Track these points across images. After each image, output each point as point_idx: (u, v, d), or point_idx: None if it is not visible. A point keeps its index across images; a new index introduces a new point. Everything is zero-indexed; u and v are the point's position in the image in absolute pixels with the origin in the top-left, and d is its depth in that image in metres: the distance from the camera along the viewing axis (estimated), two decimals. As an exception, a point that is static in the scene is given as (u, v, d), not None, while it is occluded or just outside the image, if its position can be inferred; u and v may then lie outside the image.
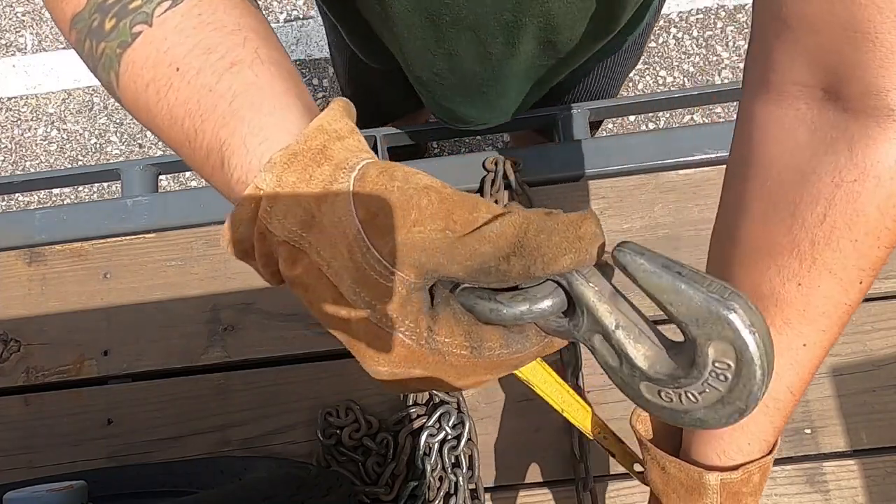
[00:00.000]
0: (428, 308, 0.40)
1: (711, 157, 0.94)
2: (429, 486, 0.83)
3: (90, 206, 1.00)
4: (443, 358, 0.40)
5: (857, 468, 0.83)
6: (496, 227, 0.38)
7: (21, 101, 2.49)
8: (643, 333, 0.39)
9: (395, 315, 0.39)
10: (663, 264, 0.37)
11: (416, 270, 0.38)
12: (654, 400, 0.40)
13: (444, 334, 0.39)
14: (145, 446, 0.90)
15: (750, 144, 0.50)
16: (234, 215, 0.41)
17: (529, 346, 0.40)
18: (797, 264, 0.47)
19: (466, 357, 0.40)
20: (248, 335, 0.92)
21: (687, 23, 2.27)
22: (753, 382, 0.36)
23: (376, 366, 0.41)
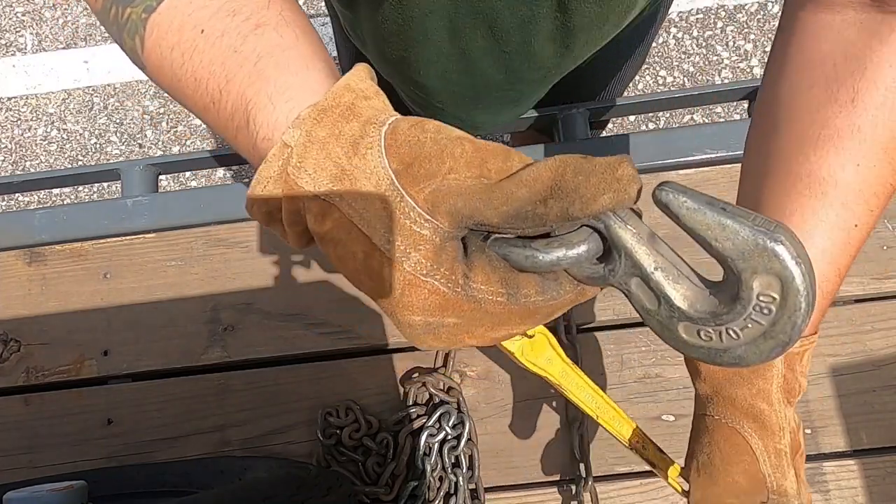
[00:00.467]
0: (462, 256, 0.39)
1: (711, 157, 0.94)
2: (429, 486, 0.83)
3: (90, 206, 1.00)
4: (479, 305, 0.39)
5: (857, 468, 0.83)
6: (533, 171, 0.37)
7: (21, 101, 2.49)
8: (682, 274, 0.39)
9: (430, 262, 0.38)
10: (707, 201, 0.37)
11: (450, 218, 0.38)
12: (692, 340, 0.39)
13: (480, 281, 0.39)
14: (145, 446, 0.90)
15: (801, 44, 0.54)
16: (260, 173, 0.41)
17: (564, 294, 0.40)
18: (857, 146, 0.50)
19: (503, 304, 0.39)
20: (248, 335, 0.92)
21: (687, 23, 2.27)
22: (798, 314, 0.36)
23: (410, 315, 0.40)
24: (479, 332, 0.41)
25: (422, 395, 0.88)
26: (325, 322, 0.92)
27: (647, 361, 0.88)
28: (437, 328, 0.41)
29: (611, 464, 0.86)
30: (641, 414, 0.87)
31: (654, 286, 0.39)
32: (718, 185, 0.93)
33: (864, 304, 0.88)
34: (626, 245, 0.38)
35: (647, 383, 0.88)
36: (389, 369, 0.90)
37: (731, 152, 0.94)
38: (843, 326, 0.88)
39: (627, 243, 0.38)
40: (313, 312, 0.92)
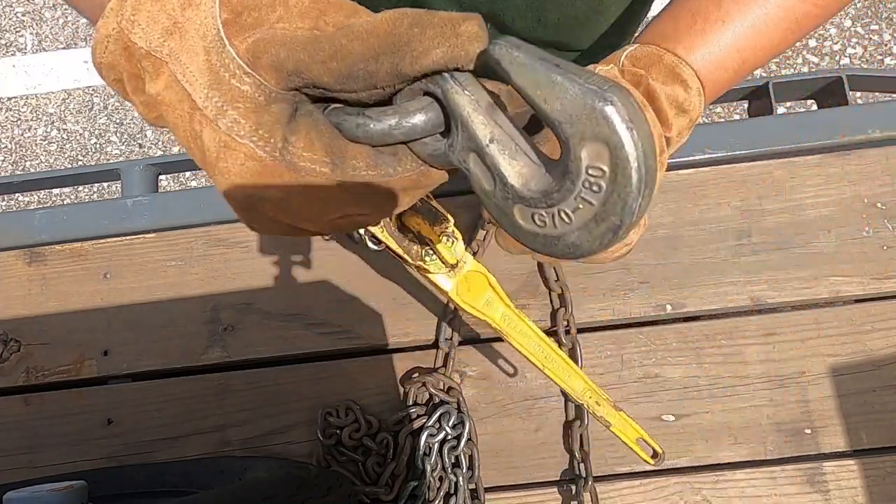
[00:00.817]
0: (288, 120, 0.36)
1: (711, 157, 0.94)
2: (429, 486, 0.83)
3: (90, 206, 1.00)
4: (300, 175, 0.36)
5: (857, 468, 0.83)
6: (368, 23, 0.34)
7: (21, 101, 2.49)
8: (520, 149, 0.35)
9: (248, 123, 0.35)
10: (541, 57, 0.32)
11: (275, 73, 0.35)
12: (527, 226, 0.35)
13: (301, 146, 0.35)
14: (145, 446, 0.90)
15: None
16: (98, 31, 0.38)
17: (402, 171, 0.37)
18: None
19: (326, 175, 0.36)
20: (248, 335, 0.92)
21: (687, 23, 2.27)
22: (629, 190, 0.31)
23: (229, 183, 0.37)
24: (309, 211, 0.37)
25: (422, 395, 0.88)
26: (325, 322, 0.92)
27: (647, 361, 0.88)
28: (259, 202, 0.37)
29: (611, 464, 0.86)
30: (641, 414, 0.87)
31: (489, 161, 0.35)
32: (718, 185, 0.93)
33: (864, 304, 0.88)
34: (462, 113, 0.34)
35: (647, 383, 0.88)
36: (389, 369, 0.90)
37: (731, 152, 0.94)
38: (843, 326, 0.88)
39: (463, 111, 0.34)
40: (313, 312, 0.92)
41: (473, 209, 0.94)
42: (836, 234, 0.90)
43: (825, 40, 2.21)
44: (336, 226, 0.39)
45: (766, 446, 0.85)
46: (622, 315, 0.90)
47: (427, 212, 0.55)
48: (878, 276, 0.88)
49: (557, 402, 0.88)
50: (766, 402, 0.86)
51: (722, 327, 0.89)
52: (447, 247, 0.55)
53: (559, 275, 0.90)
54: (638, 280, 0.90)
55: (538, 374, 0.89)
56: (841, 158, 0.92)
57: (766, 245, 0.90)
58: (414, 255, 0.55)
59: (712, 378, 0.87)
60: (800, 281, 0.89)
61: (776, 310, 0.90)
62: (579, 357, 0.87)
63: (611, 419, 0.65)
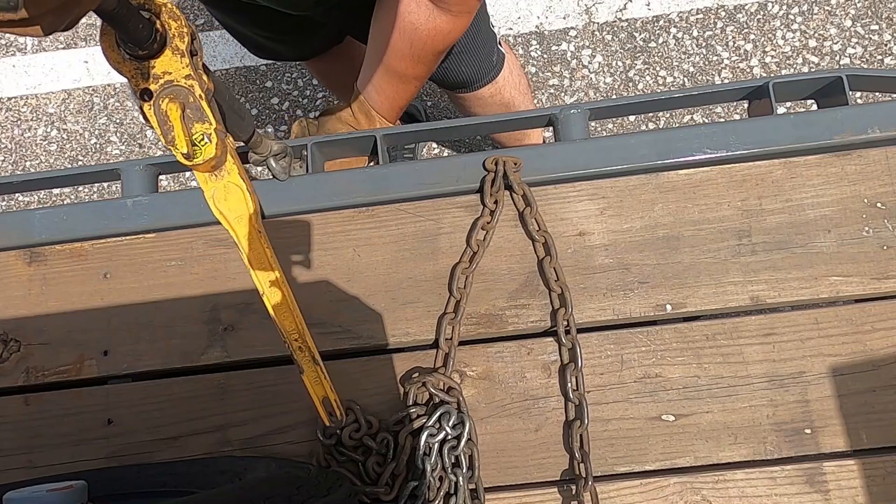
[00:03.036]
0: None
1: (711, 157, 0.94)
2: (429, 486, 0.84)
3: (90, 206, 1.00)
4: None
5: (857, 468, 0.83)
6: None
7: (21, 101, 2.49)
8: None
9: None
10: None
11: None
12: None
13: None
14: (145, 446, 0.90)
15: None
16: None
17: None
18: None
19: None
20: (248, 335, 0.92)
21: (687, 23, 2.27)
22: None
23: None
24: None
25: (422, 395, 0.88)
26: (325, 322, 0.92)
27: (647, 361, 0.88)
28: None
29: (611, 464, 0.86)
30: (641, 414, 0.87)
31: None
32: (718, 185, 0.93)
33: (864, 304, 0.88)
34: None
35: (647, 383, 0.88)
36: (389, 369, 0.90)
37: (731, 152, 0.94)
38: (843, 326, 0.88)
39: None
40: (313, 312, 0.92)
41: (473, 209, 0.94)
42: (836, 234, 0.90)
43: (825, 40, 2.21)
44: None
45: (766, 446, 0.85)
46: (622, 315, 0.90)
47: (195, 108, 0.60)
48: (878, 276, 0.88)
49: (557, 402, 0.88)
50: (766, 402, 0.86)
51: (722, 327, 0.89)
52: (203, 143, 0.61)
53: (559, 275, 0.90)
54: (638, 280, 0.90)
55: (538, 375, 0.89)
56: (841, 158, 0.92)
57: (766, 245, 0.90)
58: (168, 139, 0.61)
59: (712, 378, 0.87)
60: (800, 281, 0.89)
61: (776, 310, 0.90)
62: (579, 357, 0.87)
63: (305, 367, 0.71)
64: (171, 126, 0.60)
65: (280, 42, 1.45)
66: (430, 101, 2.33)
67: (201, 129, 0.62)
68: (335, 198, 0.96)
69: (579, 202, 0.93)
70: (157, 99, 0.60)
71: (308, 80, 2.39)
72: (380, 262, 0.93)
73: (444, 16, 1.01)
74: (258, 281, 0.65)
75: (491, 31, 1.43)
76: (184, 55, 0.60)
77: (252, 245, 0.64)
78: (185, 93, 0.61)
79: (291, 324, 0.70)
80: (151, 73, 0.60)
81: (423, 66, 1.07)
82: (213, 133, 0.62)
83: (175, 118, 0.60)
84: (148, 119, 0.61)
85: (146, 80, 0.60)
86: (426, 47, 1.04)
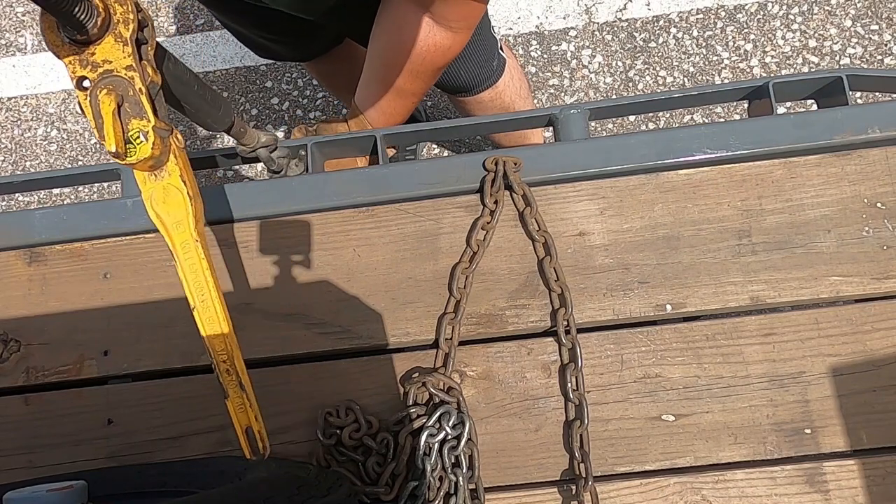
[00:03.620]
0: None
1: (711, 157, 0.94)
2: (429, 486, 0.83)
3: (90, 206, 1.00)
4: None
5: (857, 468, 0.83)
6: None
7: (21, 101, 2.49)
8: None
9: None
10: None
11: None
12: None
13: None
14: (145, 446, 0.90)
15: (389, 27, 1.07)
16: None
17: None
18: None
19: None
20: (248, 335, 0.92)
21: (687, 23, 2.27)
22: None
23: None
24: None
25: (422, 395, 0.88)
26: (325, 322, 0.92)
27: (647, 361, 0.88)
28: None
29: (611, 464, 0.86)
30: (641, 414, 0.87)
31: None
32: (718, 185, 0.93)
33: (864, 304, 0.88)
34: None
35: (647, 383, 0.88)
36: (389, 369, 0.90)
37: (731, 152, 0.94)
38: (843, 326, 0.88)
39: None
40: (313, 312, 0.92)
41: (473, 209, 0.94)
42: (836, 234, 0.90)
43: (825, 40, 2.21)
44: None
45: (766, 446, 0.85)
46: (622, 315, 0.90)
47: (134, 103, 0.56)
48: (878, 276, 0.88)
49: (557, 402, 0.88)
50: (766, 402, 0.86)
51: (722, 327, 0.89)
52: (138, 141, 0.56)
53: (559, 275, 0.90)
54: (638, 280, 0.90)
55: (538, 375, 0.89)
56: (841, 158, 0.92)
57: (766, 245, 0.90)
58: (102, 133, 0.56)
59: (712, 378, 0.87)
60: (800, 281, 0.89)
61: (776, 310, 0.90)
62: (579, 357, 0.87)
63: (230, 391, 0.65)
64: (104, 120, 0.56)
65: (281, 43, 1.46)
66: (429, 102, 2.33)
67: (138, 125, 0.57)
68: (335, 198, 0.96)
69: (579, 202, 0.93)
70: (93, 89, 0.56)
71: (308, 81, 2.39)
72: (380, 262, 0.93)
73: (444, 31, 1.00)
74: (189, 293, 0.60)
75: (492, 37, 1.44)
76: (126, 43, 0.55)
77: (187, 254, 0.60)
78: (124, 84, 0.56)
79: (221, 344, 0.65)
80: (91, 61, 0.55)
81: (421, 82, 1.07)
82: (150, 131, 0.57)
83: (107, 112, 0.55)
84: (83, 109, 0.57)
85: (84, 67, 0.55)
86: (425, 63, 1.04)
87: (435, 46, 1.01)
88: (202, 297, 0.60)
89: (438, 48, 1.02)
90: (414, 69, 1.04)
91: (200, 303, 0.60)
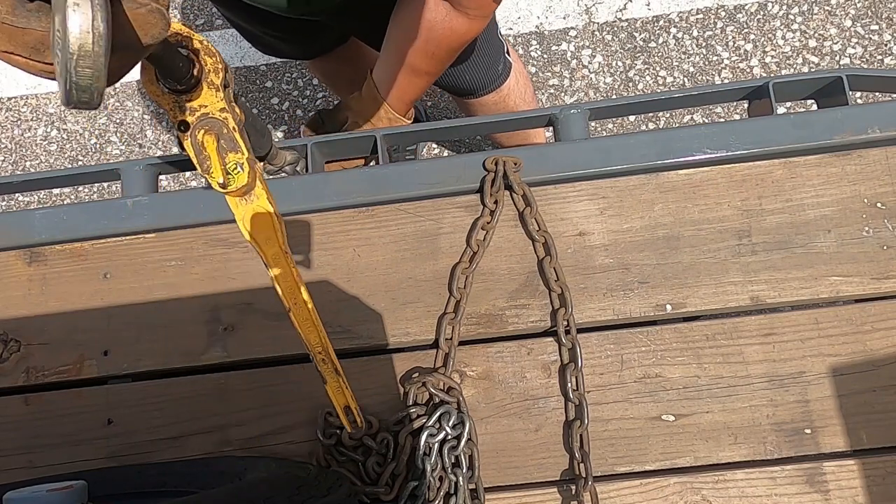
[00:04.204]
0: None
1: (711, 157, 0.94)
2: (429, 486, 0.83)
3: (90, 206, 1.00)
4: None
5: (857, 468, 0.83)
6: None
7: (21, 101, 2.49)
8: None
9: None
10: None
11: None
12: (59, 68, 0.42)
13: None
14: (145, 446, 0.90)
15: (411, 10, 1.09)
16: None
17: (35, 25, 0.42)
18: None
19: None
20: (248, 335, 0.92)
21: (687, 23, 2.27)
22: (68, 52, 0.40)
23: None
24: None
25: (422, 395, 0.88)
26: (326, 322, 0.91)
27: (647, 361, 0.88)
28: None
29: (611, 464, 0.86)
30: (641, 414, 0.87)
31: None
32: (718, 185, 0.93)
33: (864, 304, 0.88)
34: None
35: (647, 383, 0.88)
36: (389, 369, 0.90)
37: (731, 152, 0.94)
38: (843, 326, 0.88)
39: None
40: (313, 312, 0.92)
41: (473, 209, 0.94)
42: (836, 234, 0.90)
43: (825, 40, 2.21)
44: (9, 59, 0.45)
45: (766, 446, 0.85)
46: (622, 315, 0.90)
47: (229, 140, 0.65)
48: (878, 276, 0.88)
49: (557, 402, 0.88)
50: (766, 402, 0.86)
51: (722, 327, 0.89)
52: (236, 172, 0.66)
53: (559, 275, 0.90)
54: (638, 280, 0.90)
55: (538, 375, 0.89)
56: (841, 158, 0.92)
57: (766, 245, 0.90)
58: (204, 168, 0.65)
59: (712, 378, 0.87)
60: (800, 281, 0.89)
61: (776, 310, 0.90)
62: (579, 357, 0.87)
63: (328, 377, 0.76)
64: (206, 156, 0.64)
65: (286, 41, 1.47)
66: (429, 101, 2.33)
67: (234, 158, 0.66)
68: (335, 198, 0.97)
69: (579, 202, 0.93)
70: (193, 130, 0.64)
71: (308, 80, 2.39)
72: (380, 262, 0.93)
73: (461, 17, 1.06)
74: (285, 299, 0.71)
75: (499, 41, 1.47)
76: (218, 90, 0.64)
77: (280, 265, 0.70)
78: (219, 125, 0.64)
79: (315, 337, 0.75)
80: (188, 106, 0.63)
81: (436, 63, 1.13)
82: (244, 162, 0.66)
83: (211, 150, 0.64)
84: (185, 149, 0.65)
85: (183, 112, 0.64)
86: (441, 45, 1.10)
87: (451, 31, 1.08)
88: (294, 300, 0.71)
89: (454, 32, 1.08)
90: (430, 50, 1.10)
91: (294, 305, 0.71)
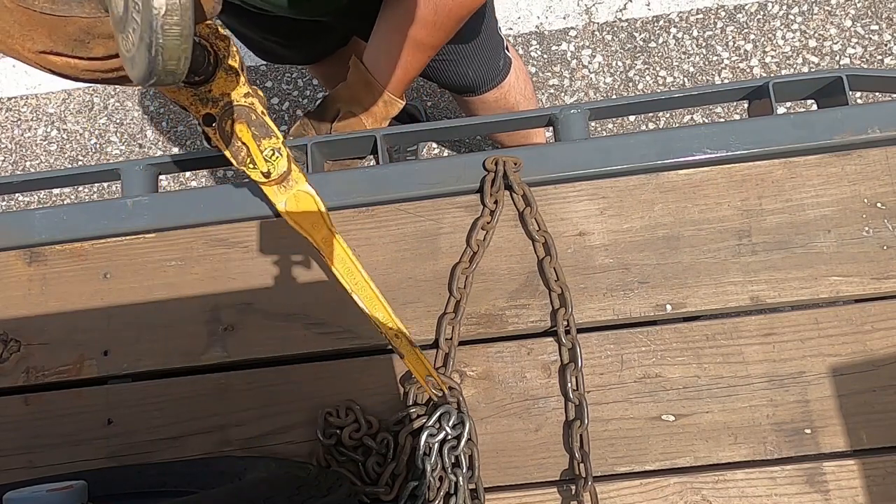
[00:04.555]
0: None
1: (711, 157, 0.94)
2: (429, 486, 0.84)
3: (90, 206, 1.00)
4: None
5: (857, 468, 0.83)
6: None
7: (21, 101, 2.49)
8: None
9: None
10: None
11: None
12: (128, 53, 0.39)
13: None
14: (145, 446, 0.90)
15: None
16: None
17: (78, 12, 0.40)
18: None
19: (13, 4, 0.40)
20: (248, 335, 0.92)
21: (687, 23, 2.27)
22: (151, 10, 0.36)
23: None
24: (9, 35, 0.42)
25: (422, 395, 0.88)
26: (325, 322, 0.92)
27: (647, 361, 0.88)
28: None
29: (611, 464, 0.86)
30: (641, 414, 0.87)
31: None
32: (718, 185, 0.93)
33: (864, 304, 0.88)
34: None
35: (647, 383, 0.88)
36: (389, 369, 0.90)
37: (731, 152, 0.94)
38: (843, 326, 0.88)
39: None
40: (313, 312, 0.92)
41: (473, 209, 0.94)
42: (836, 234, 0.90)
43: (825, 40, 2.21)
44: (47, 61, 0.45)
45: (766, 446, 0.85)
46: (622, 315, 0.90)
47: (259, 125, 0.60)
48: (878, 276, 0.88)
49: (557, 402, 0.88)
50: (766, 402, 0.86)
51: (722, 327, 0.89)
52: (274, 158, 0.61)
53: (559, 275, 0.90)
54: (638, 280, 0.90)
55: (538, 375, 0.89)
56: (841, 158, 0.92)
57: (766, 245, 0.90)
58: (240, 160, 0.60)
59: (712, 378, 0.87)
60: (800, 281, 0.89)
61: (776, 310, 0.90)
62: (579, 357, 0.87)
63: (405, 351, 0.74)
64: (240, 147, 0.59)
65: (287, 46, 1.46)
66: (430, 102, 2.33)
67: (269, 144, 0.61)
68: (335, 198, 0.96)
69: (579, 202, 0.93)
70: (220, 121, 0.59)
71: (308, 81, 2.39)
72: (380, 262, 0.93)
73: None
74: (344, 280, 0.65)
75: (499, 37, 1.45)
76: (238, 73, 0.59)
77: (332, 247, 0.64)
78: (246, 111, 0.59)
79: (384, 315, 0.71)
80: (209, 98, 0.58)
81: (442, 33, 1.11)
82: (281, 146, 0.61)
83: (247, 138, 0.59)
84: (214, 144, 0.59)
85: (206, 104, 0.59)
86: (451, 14, 1.07)
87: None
88: (355, 280, 0.66)
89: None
90: (438, 20, 1.07)
91: (355, 285, 0.67)
